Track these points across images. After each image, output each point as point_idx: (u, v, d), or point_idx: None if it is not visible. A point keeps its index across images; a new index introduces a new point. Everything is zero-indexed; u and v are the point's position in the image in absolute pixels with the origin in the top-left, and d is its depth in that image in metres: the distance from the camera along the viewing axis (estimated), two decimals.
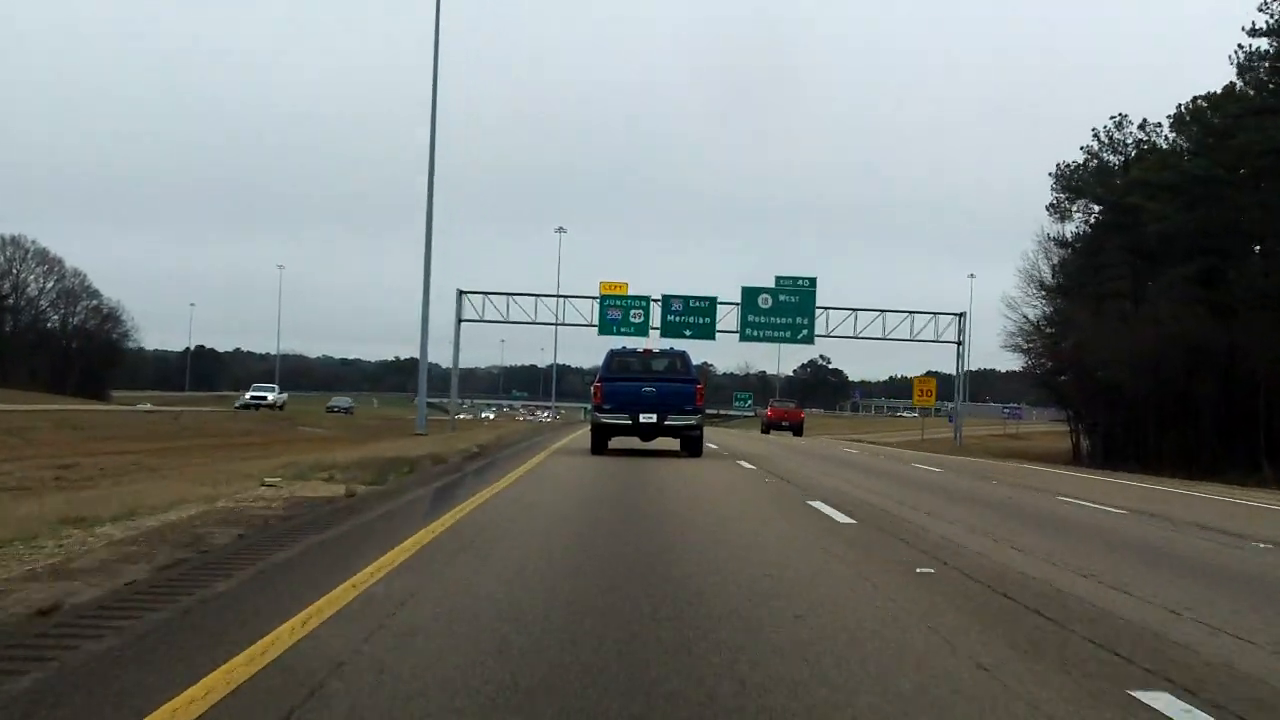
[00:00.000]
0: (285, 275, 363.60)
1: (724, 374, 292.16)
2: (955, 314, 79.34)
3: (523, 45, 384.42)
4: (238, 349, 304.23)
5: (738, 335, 78.55)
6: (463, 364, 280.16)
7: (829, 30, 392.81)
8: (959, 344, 79.04)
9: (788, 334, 78.26)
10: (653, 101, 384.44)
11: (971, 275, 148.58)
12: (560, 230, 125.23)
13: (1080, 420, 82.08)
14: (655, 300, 78.19)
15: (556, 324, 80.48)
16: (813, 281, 78.29)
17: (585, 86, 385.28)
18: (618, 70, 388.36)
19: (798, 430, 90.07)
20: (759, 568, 11.17)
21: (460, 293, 78.36)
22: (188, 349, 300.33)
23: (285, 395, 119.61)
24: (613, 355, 33.28)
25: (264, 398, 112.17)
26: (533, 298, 79.27)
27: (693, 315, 78.06)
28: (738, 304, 77.99)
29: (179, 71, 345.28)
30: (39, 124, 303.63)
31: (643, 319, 78.21)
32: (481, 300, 78.46)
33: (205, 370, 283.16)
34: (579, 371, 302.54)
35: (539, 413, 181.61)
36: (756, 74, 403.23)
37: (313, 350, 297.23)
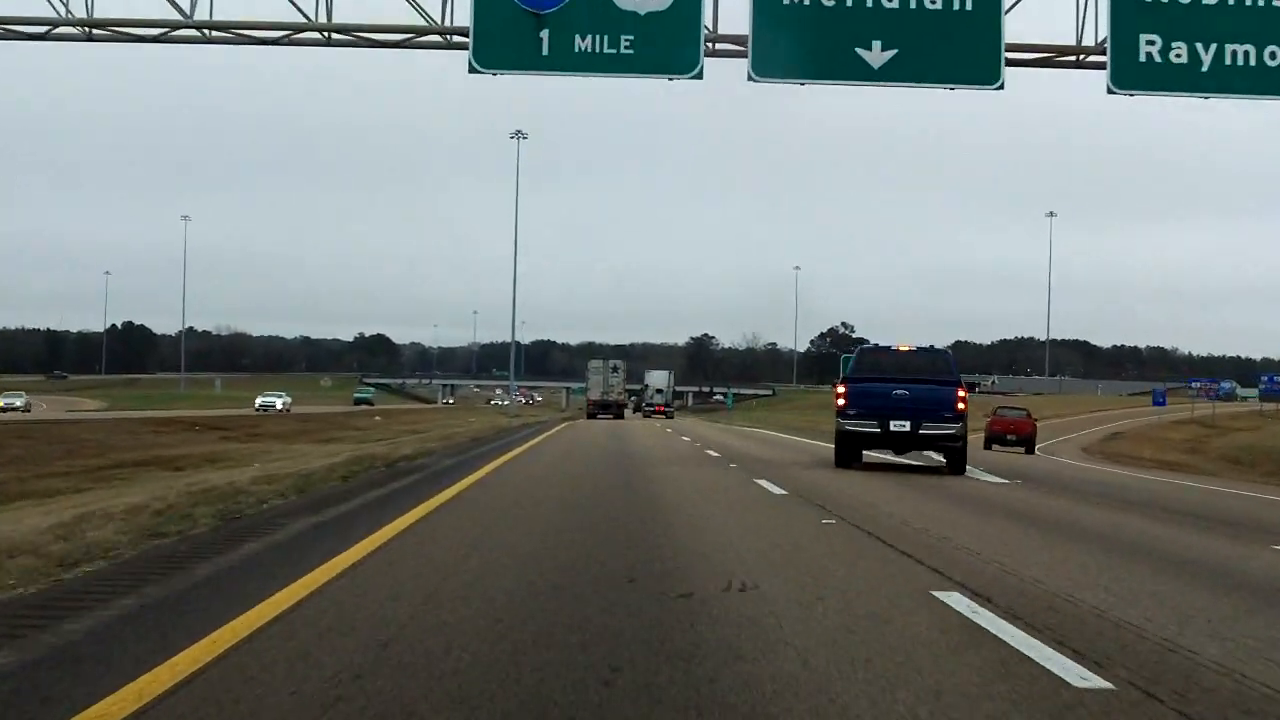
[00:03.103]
0: (257, 250, 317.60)
1: (724, 349, 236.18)
2: None
3: None
4: (191, 328, 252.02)
5: None
6: (441, 343, 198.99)
7: None
8: None
9: None
10: None
11: None
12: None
13: None
14: None
15: None
16: None
17: None
18: None
19: (1030, 446, 53.53)
20: None
21: None
22: (113, 326, 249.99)
23: (24, 399, 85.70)
24: (863, 353, 27.60)
25: None
26: None
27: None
28: None
29: None
30: None
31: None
32: None
33: (136, 351, 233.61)
34: (565, 348, 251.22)
35: (507, 397, 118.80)
36: None
37: (290, 331, 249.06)
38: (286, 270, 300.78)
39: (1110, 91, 16.17)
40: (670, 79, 16.28)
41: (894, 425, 24.44)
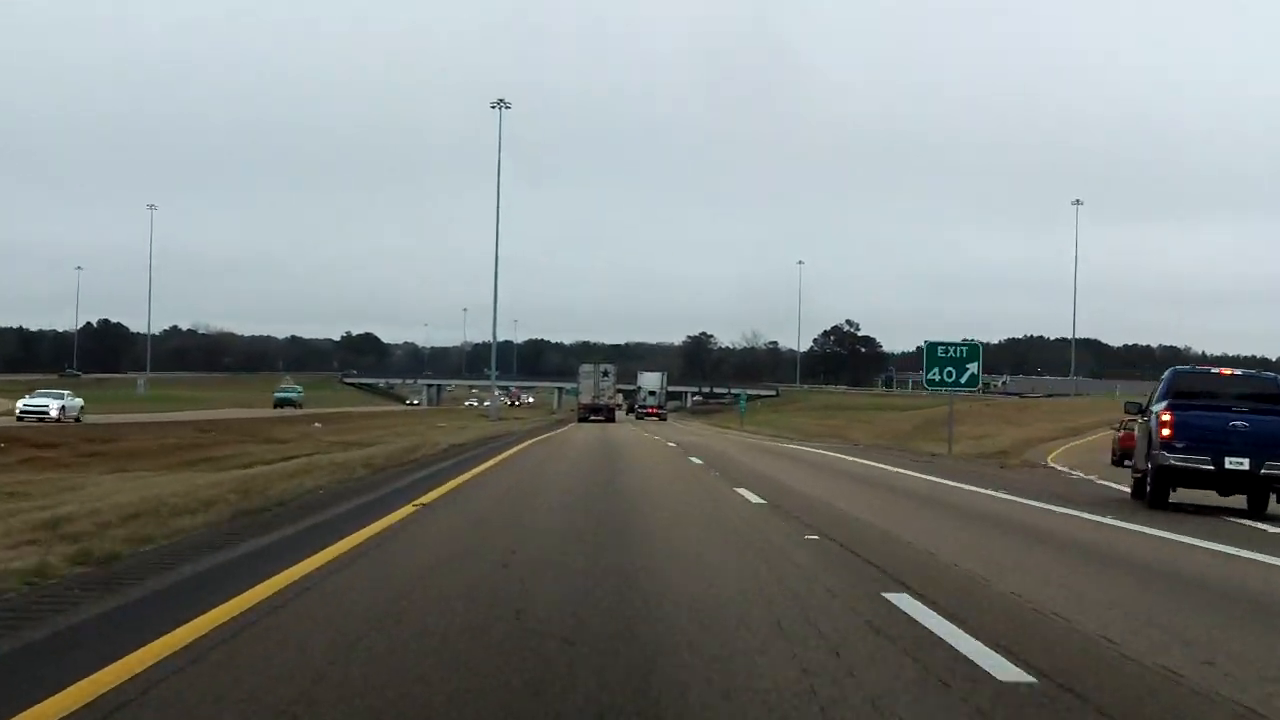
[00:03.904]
0: (251, 251, 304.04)
1: (722, 348, 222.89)
2: None
3: None
4: (174, 326, 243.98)
5: None
6: (433, 343, 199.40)
7: None
8: None
9: None
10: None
11: None
12: None
13: None
14: None
15: None
16: None
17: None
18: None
19: None
20: None
21: None
22: (88, 324, 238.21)
23: None
24: (1177, 375, 23.38)
25: None
26: None
27: None
28: None
29: None
30: None
31: None
32: None
33: (110, 349, 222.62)
34: (560, 347, 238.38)
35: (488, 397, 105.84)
36: None
37: (282, 331, 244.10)
38: (279, 271, 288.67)
39: None
40: None
41: (1230, 462, 20.67)
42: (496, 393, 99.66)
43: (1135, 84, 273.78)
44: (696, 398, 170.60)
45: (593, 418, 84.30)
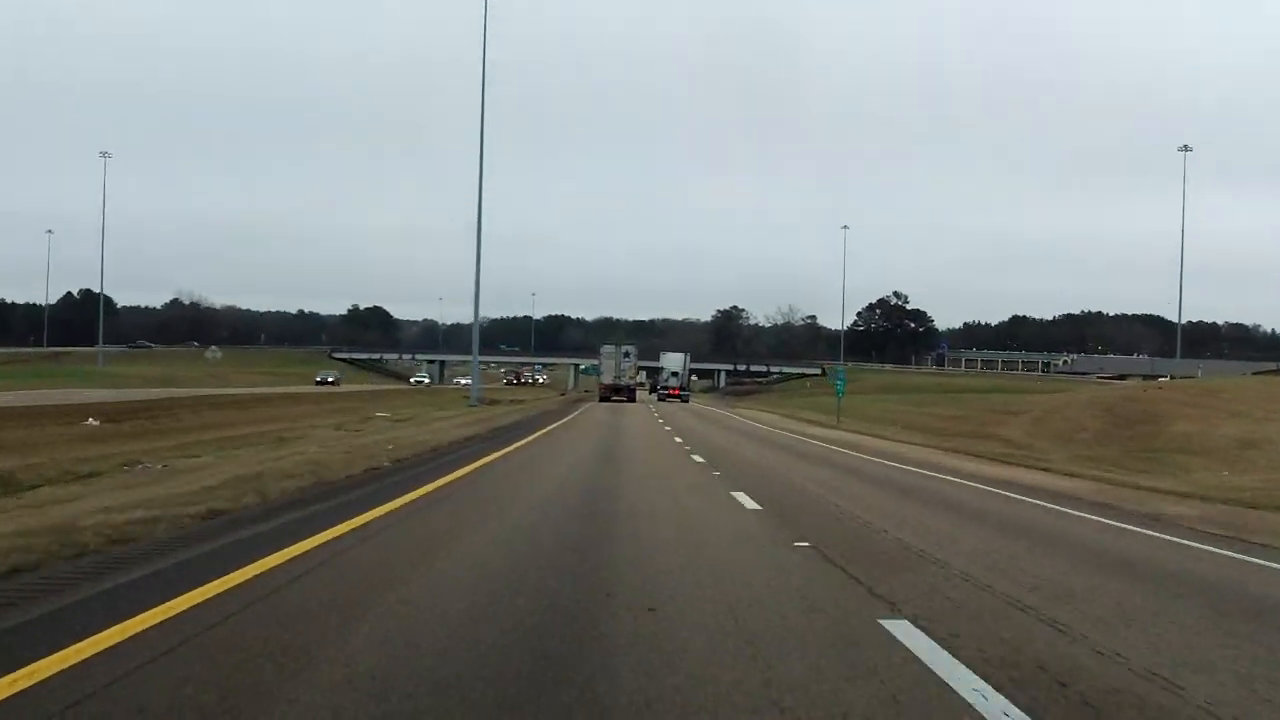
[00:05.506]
0: (260, 227, 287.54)
1: (753, 325, 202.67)
2: None
3: None
4: (175, 299, 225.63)
5: None
6: (448, 319, 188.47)
7: None
8: None
9: None
10: None
11: None
12: None
13: None
14: None
15: None
16: None
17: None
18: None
19: None
20: None
21: None
22: (69, 295, 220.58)
23: None
24: None
25: None
26: None
27: None
28: None
29: None
30: None
31: None
32: None
33: (87, 321, 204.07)
34: (581, 324, 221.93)
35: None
36: None
37: (291, 306, 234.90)
38: (293, 246, 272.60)
39: None
40: None
41: None
42: (535, 378, 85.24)
43: (1186, 59, 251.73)
44: (732, 377, 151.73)
45: (614, 398, 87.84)
